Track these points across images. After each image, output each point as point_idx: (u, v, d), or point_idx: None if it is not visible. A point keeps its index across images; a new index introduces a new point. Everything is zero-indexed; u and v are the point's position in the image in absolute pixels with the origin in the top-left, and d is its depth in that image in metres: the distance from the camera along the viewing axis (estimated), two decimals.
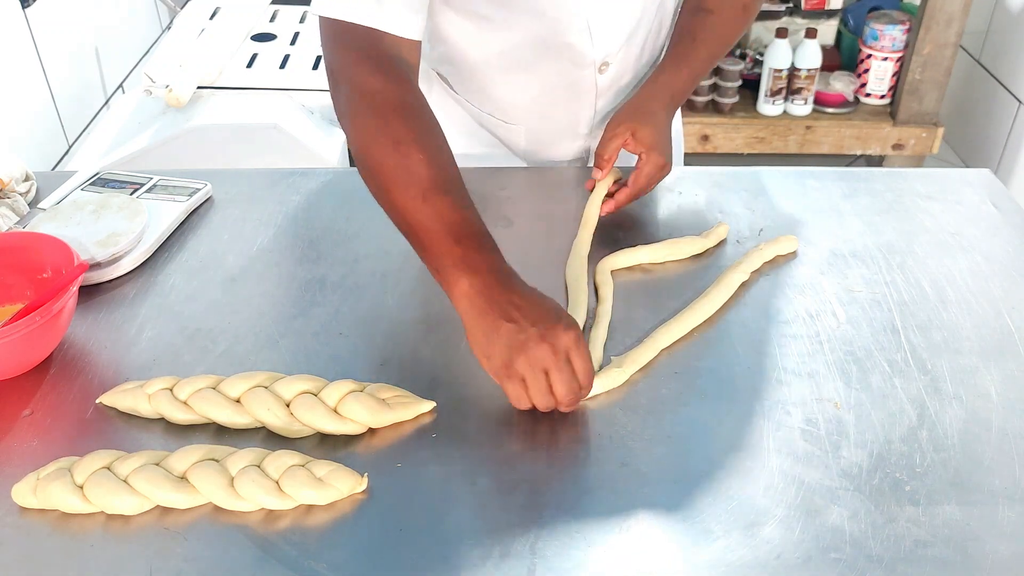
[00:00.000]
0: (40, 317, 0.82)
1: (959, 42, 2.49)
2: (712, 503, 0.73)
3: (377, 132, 0.86)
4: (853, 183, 1.15)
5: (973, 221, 1.08)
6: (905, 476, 0.75)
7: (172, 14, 2.08)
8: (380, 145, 0.85)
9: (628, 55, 1.12)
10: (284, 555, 0.69)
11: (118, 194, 1.08)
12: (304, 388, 0.81)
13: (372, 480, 0.75)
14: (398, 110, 0.87)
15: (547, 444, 0.79)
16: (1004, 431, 0.80)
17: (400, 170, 0.84)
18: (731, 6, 1.11)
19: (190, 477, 0.73)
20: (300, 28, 2.01)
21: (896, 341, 0.90)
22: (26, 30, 1.63)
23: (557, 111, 1.16)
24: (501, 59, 1.09)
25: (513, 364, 0.76)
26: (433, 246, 0.82)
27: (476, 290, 0.78)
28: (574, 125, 1.18)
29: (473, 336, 0.79)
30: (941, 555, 0.69)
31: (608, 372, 0.84)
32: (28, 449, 0.79)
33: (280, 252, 1.03)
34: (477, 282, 0.79)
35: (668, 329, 0.90)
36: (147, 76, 1.73)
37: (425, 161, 0.84)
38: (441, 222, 0.81)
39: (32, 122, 1.65)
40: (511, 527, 0.71)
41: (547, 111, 1.16)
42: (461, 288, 0.79)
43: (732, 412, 0.82)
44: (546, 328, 0.76)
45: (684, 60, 1.10)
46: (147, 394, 0.81)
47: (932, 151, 2.67)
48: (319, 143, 1.70)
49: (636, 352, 0.87)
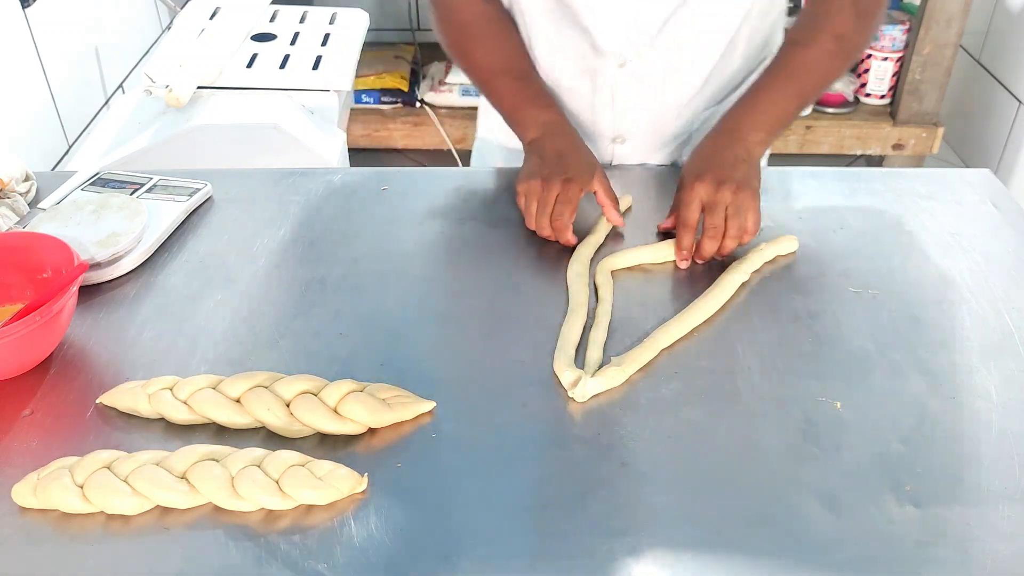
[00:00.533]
0: (40, 317, 0.82)
1: (959, 42, 2.49)
2: (712, 503, 0.73)
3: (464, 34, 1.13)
4: (853, 183, 1.15)
5: (973, 221, 1.08)
6: (905, 476, 0.75)
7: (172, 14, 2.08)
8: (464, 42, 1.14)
9: (654, 59, 1.10)
10: (284, 555, 0.69)
11: (118, 194, 1.08)
12: (304, 388, 0.81)
13: (372, 480, 0.75)
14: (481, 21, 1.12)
15: (547, 444, 0.79)
16: (1004, 431, 0.80)
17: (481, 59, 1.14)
18: (823, 38, 1.05)
19: (190, 477, 0.73)
20: (300, 28, 2.01)
21: (896, 341, 0.89)
22: (26, 30, 1.63)
23: (581, 101, 1.16)
24: (540, 21, 1.11)
25: (524, 182, 1.03)
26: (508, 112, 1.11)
27: (538, 137, 1.06)
28: (596, 122, 1.18)
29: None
30: (941, 555, 0.69)
31: (608, 372, 0.84)
32: (28, 449, 0.79)
33: (280, 252, 1.03)
34: (535, 134, 1.06)
35: (668, 329, 0.90)
36: (147, 76, 1.73)
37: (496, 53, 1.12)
38: (509, 95, 1.10)
39: (32, 122, 1.65)
40: (511, 527, 0.71)
41: (572, 98, 1.17)
42: (527, 136, 1.07)
43: (732, 412, 0.82)
44: (558, 172, 1.00)
45: (768, 98, 1.04)
46: (147, 394, 0.81)
47: (932, 151, 2.67)
48: (319, 143, 1.70)
49: (636, 352, 0.87)
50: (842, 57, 1.06)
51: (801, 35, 1.07)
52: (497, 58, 1.12)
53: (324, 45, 1.90)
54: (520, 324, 0.92)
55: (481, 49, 1.13)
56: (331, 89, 1.82)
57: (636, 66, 1.10)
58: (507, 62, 1.12)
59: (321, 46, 1.92)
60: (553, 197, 1.00)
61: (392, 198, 1.12)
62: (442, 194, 1.13)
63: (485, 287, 0.98)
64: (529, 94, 1.09)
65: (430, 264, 1.01)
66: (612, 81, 1.12)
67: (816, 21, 1.07)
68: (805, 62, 1.06)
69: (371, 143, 2.73)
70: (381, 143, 2.74)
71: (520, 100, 1.09)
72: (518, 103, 1.09)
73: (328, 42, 1.90)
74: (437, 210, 1.10)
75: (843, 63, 1.07)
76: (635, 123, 1.18)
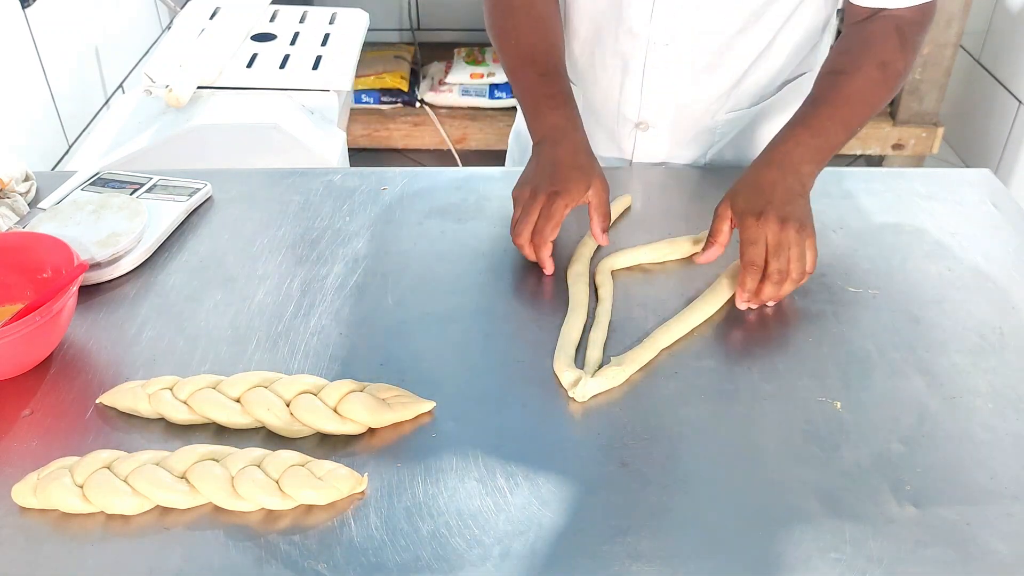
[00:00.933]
0: (40, 317, 0.82)
1: (959, 42, 2.49)
2: (712, 503, 0.73)
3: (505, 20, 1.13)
4: (853, 183, 1.15)
5: (973, 221, 1.08)
6: (905, 476, 0.75)
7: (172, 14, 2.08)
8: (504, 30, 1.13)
9: (690, 46, 1.09)
10: (284, 555, 0.69)
11: (118, 194, 1.08)
12: (304, 388, 0.81)
13: (372, 480, 0.75)
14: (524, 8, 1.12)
15: (547, 444, 0.79)
16: (1004, 431, 0.80)
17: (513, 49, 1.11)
18: (867, 66, 1.01)
19: (190, 477, 0.73)
20: (300, 28, 2.01)
21: (896, 341, 0.90)
22: (26, 30, 1.63)
23: (611, 81, 1.16)
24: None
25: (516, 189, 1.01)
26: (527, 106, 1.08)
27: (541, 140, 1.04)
28: (622, 103, 1.17)
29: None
30: (941, 555, 0.69)
31: (608, 372, 0.84)
32: (28, 449, 0.79)
33: (280, 252, 1.03)
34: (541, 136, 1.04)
35: (668, 329, 0.90)
36: (147, 76, 1.73)
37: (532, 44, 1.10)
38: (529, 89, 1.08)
39: (32, 122, 1.65)
40: (511, 527, 0.71)
41: (604, 78, 1.16)
42: (535, 138, 1.05)
43: (732, 412, 0.82)
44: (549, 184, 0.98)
45: (816, 127, 0.98)
46: (147, 394, 0.81)
47: (932, 151, 2.67)
48: (319, 143, 1.70)
49: (636, 352, 0.87)
50: (887, 85, 1.02)
51: (845, 63, 1.03)
52: (529, 48, 1.09)
53: (324, 45, 1.90)
54: (520, 324, 0.92)
55: (517, 35, 1.11)
56: (331, 89, 1.82)
57: (670, 51, 1.10)
58: (537, 54, 1.09)
59: (321, 46, 1.92)
60: (537, 209, 0.96)
61: (392, 198, 1.12)
62: (442, 194, 1.13)
63: (485, 287, 0.97)
64: (547, 92, 1.06)
65: (430, 264, 1.01)
66: (643, 63, 1.12)
67: (860, 48, 1.03)
68: (851, 91, 1.01)
69: (371, 143, 2.73)
70: (381, 143, 2.74)
71: (537, 97, 1.06)
72: (535, 100, 1.07)
73: (328, 42, 1.90)
74: (437, 210, 1.10)
75: (889, 91, 1.03)
76: (661, 108, 1.17)
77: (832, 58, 1.06)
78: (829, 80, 1.03)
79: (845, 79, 1.01)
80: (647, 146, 1.22)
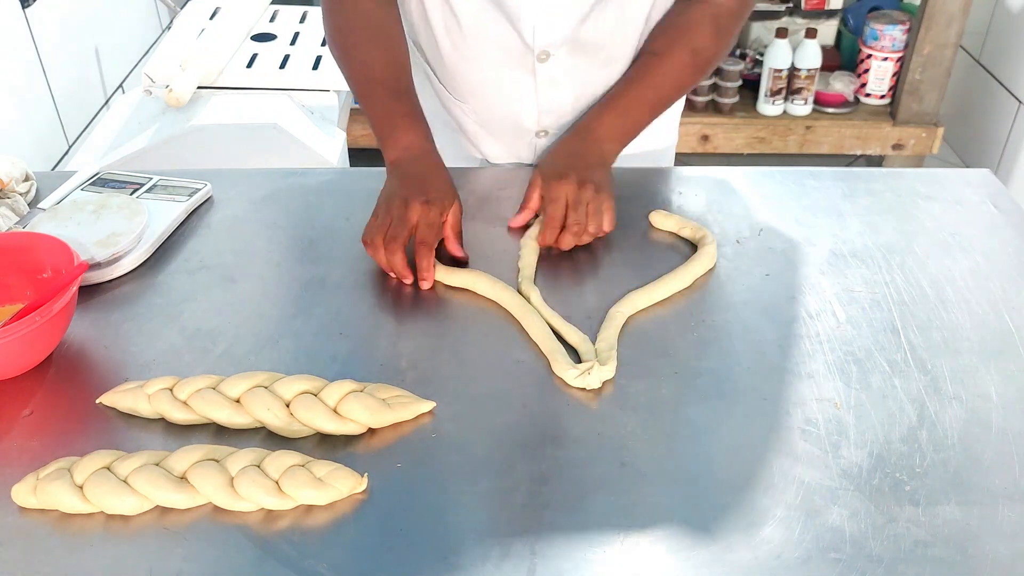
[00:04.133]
0: (40, 317, 0.82)
1: (959, 42, 2.49)
2: (712, 503, 0.73)
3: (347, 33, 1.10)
4: (853, 183, 1.15)
5: (973, 221, 1.08)
6: (905, 476, 0.75)
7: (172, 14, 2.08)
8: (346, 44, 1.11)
9: (575, 53, 1.10)
10: (284, 555, 0.69)
11: (118, 194, 1.08)
12: (304, 388, 0.81)
13: (372, 480, 0.75)
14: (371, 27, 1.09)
15: (547, 444, 0.79)
16: (1004, 431, 0.80)
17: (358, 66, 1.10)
18: (680, 50, 1.08)
19: (190, 477, 0.73)
20: (300, 28, 2.01)
21: (896, 341, 0.90)
22: (26, 30, 1.64)
23: (506, 93, 1.16)
24: (467, 12, 1.08)
25: (383, 204, 1.01)
26: (377, 127, 1.08)
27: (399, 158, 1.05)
28: (520, 113, 1.17)
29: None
30: (941, 555, 0.69)
31: (604, 355, 0.86)
32: (28, 449, 0.79)
33: (280, 252, 1.03)
34: (398, 155, 1.05)
35: (621, 305, 0.92)
36: (147, 76, 1.73)
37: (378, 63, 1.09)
38: (382, 108, 1.08)
39: (32, 122, 1.65)
40: (511, 527, 0.71)
41: (498, 89, 1.16)
42: (390, 156, 1.06)
43: (732, 412, 0.82)
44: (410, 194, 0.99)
45: (624, 105, 1.08)
46: (147, 394, 0.81)
47: (932, 151, 2.67)
48: (319, 143, 1.70)
49: (608, 331, 0.89)
50: (696, 70, 1.10)
51: (659, 46, 1.09)
52: (378, 67, 1.08)
53: (324, 45, 1.90)
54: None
55: (363, 53, 1.09)
56: (331, 89, 1.83)
57: (557, 61, 1.10)
58: (387, 73, 1.08)
59: (321, 46, 1.92)
60: (414, 216, 0.97)
61: None
62: None
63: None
64: (401, 111, 1.07)
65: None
66: (535, 74, 1.12)
67: (675, 33, 1.09)
68: (661, 73, 1.09)
69: (371, 143, 2.71)
70: None
71: (393, 116, 1.07)
72: (388, 119, 1.07)
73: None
74: None
75: (697, 76, 1.11)
76: (559, 117, 1.17)
77: (652, 36, 1.11)
78: (643, 60, 1.10)
79: (657, 62, 1.09)
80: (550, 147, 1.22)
